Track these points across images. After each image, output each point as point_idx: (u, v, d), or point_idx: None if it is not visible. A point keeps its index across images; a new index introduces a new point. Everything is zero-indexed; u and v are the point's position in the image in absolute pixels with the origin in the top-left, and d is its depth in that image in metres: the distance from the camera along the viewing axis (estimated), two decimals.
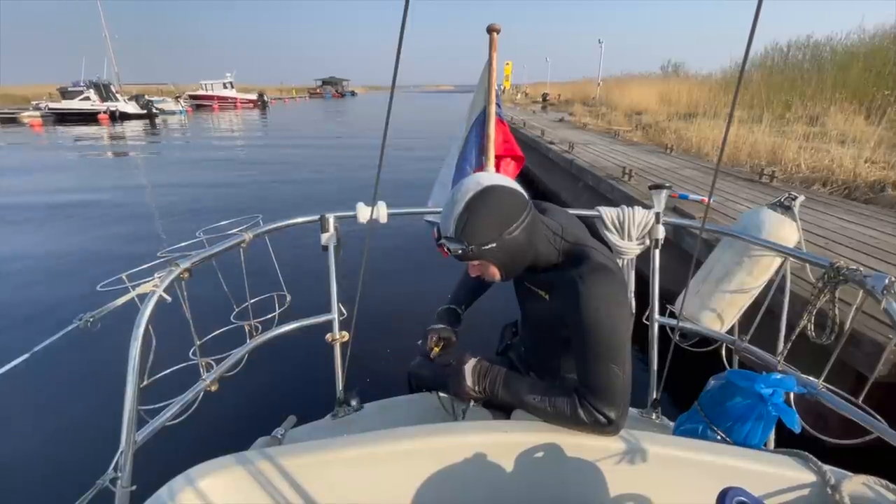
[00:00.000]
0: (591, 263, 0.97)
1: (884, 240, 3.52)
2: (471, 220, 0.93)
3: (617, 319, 0.93)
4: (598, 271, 0.95)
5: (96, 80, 29.00)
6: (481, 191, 0.94)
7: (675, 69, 22.07)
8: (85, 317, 0.89)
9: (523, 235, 0.97)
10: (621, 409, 0.95)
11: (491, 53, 1.61)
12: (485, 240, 0.94)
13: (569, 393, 0.99)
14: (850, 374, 2.15)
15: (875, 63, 10.30)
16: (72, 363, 3.19)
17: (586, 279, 0.94)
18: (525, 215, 0.97)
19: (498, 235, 0.94)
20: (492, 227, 0.94)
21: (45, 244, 6.11)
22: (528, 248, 1.00)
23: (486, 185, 0.95)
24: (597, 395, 0.94)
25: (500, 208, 0.94)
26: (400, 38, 0.65)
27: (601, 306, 0.92)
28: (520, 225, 0.96)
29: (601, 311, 0.92)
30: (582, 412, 0.95)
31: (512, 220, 0.95)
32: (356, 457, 0.97)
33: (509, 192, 0.96)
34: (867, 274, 1.07)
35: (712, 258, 1.57)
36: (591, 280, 0.94)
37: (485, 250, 0.95)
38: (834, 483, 0.88)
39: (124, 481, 0.87)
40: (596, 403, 0.94)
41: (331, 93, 75.84)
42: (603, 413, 0.94)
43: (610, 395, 0.94)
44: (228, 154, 15.06)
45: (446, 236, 0.96)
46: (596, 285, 0.93)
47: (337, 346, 1.44)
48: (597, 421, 0.95)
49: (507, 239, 0.95)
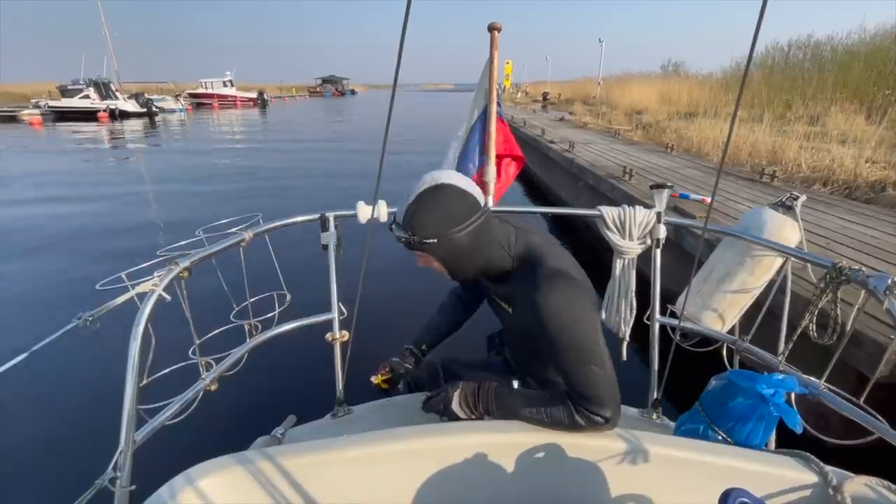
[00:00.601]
0: (543, 270, 0.97)
1: (885, 240, 3.51)
2: (417, 213, 0.95)
3: (582, 322, 0.93)
4: (552, 278, 0.95)
5: (96, 79, 29.03)
6: (434, 186, 0.95)
7: (675, 68, 22.06)
8: (84, 316, 0.88)
9: (468, 239, 0.97)
10: (613, 405, 0.97)
11: (492, 52, 1.60)
12: (427, 234, 0.95)
13: (562, 400, 0.99)
14: (851, 374, 2.15)
15: (876, 63, 10.29)
16: (71, 362, 3.19)
17: (541, 289, 0.94)
18: (473, 220, 0.96)
19: (441, 233, 0.95)
20: (436, 224, 0.94)
21: (43, 243, 6.10)
22: (474, 253, 1.00)
23: (440, 182, 0.95)
24: (587, 399, 0.96)
25: (447, 207, 0.94)
26: (401, 39, 0.65)
27: (562, 313, 0.92)
28: (465, 228, 0.96)
29: (563, 317, 0.92)
30: (579, 418, 0.97)
31: (457, 222, 0.95)
32: (356, 457, 0.97)
33: (460, 193, 0.96)
34: (869, 274, 1.06)
35: (713, 258, 1.57)
36: (546, 289, 0.94)
37: (426, 244, 0.96)
38: (836, 484, 0.87)
39: (123, 481, 0.86)
40: (589, 407, 0.96)
41: (331, 91, 75.82)
42: (598, 414, 0.96)
43: (598, 395, 0.95)
44: (228, 153, 15.04)
45: (396, 222, 0.99)
46: (552, 293, 0.93)
47: (337, 346, 1.44)
48: (594, 423, 0.96)
49: (450, 238, 0.95)
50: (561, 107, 23.08)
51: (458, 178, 0.98)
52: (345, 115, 34.20)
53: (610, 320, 1.62)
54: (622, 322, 1.59)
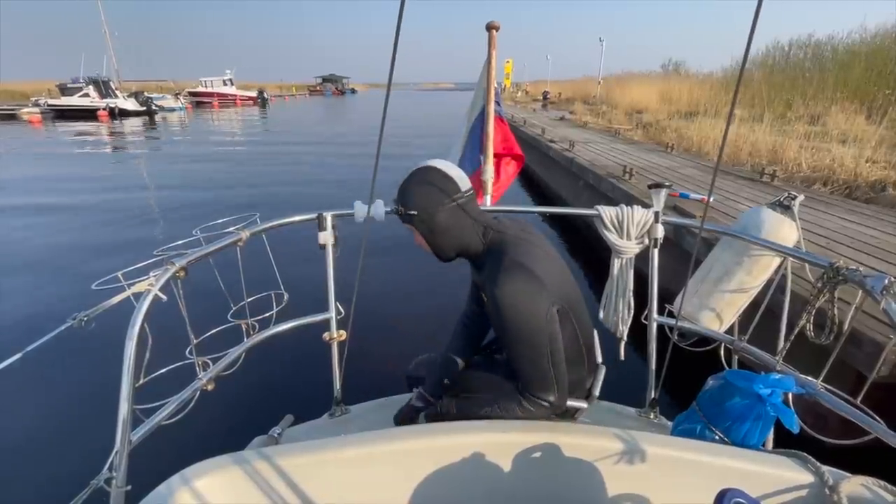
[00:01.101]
0: (504, 262, 1.03)
1: (885, 240, 3.51)
2: (404, 186, 1.09)
3: (529, 313, 0.99)
4: (508, 269, 1.01)
5: (96, 77, 28.96)
6: (422, 166, 1.10)
7: (675, 68, 22.01)
8: (79, 316, 0.88)
9: (444, 217, 1.07)
10: (557, 391, 1.05)
11: (490, 51, 1.60)
12: (410, 206, 1.07)
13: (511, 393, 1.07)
14: (850, 374, 2.14)
15: (877, 62, 10.27)
16: (68, 362, 3.18)
17: (498, 280, 1.00)
18: (449, 201, 1.07)
19: (422, 206, 1.06)
20: (417, 197, 1.07)
21: (39, 241, 6.10)
22: (451, 232, 1.10)
23: (428, 164, 1.10)
24: (532, 385, 1.03)
25: (428, 185, 1.07)
26: (395, 39, 0.65)
27: (512, 303, 0.98)
28: (442, 207, 1.07)
29: (513, 307, 0.98)
30: (527, 404, 1.05)
31: (437, 198, 1.07)
32: (353, 456, 0.97)
33: (442, 176, 1.08)
34: (867, 274, 1.06)
35: (711, 257, 1.57)
36: (500, 280, 1.00)
37: (409, 215, 1.08)
38: (832, 484, 0.87)
39: (119, 481, 0.86)
40: (535, 392, 1.04)
41: (331, 90, 75.76)
42: (542, 398, 1.04)
43: (543, 381, 1.03)
44: (228, 152, 15.03)
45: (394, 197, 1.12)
46: (505, 284, 0.99)
47: (334, 345, 1.44)
48: (540, 406, 1.04)
49: (429, 213, 1.07)
50: (561, 106, 23.06)
51: (445, 164, 1.11)
52: (345, 115, 34.13)
53: (608, 320, 1.62)
54: (620, 321, 1.59)
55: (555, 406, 1.05)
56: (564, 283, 1.10)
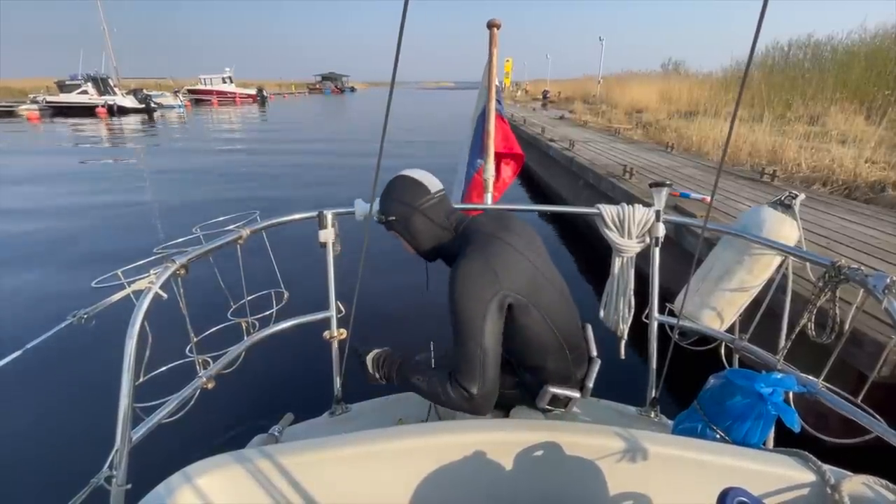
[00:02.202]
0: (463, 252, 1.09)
1: (885, 240, 3.51)
2: (382, 196, 1.18)
3: (471, 299, 1.02)
4: (463, 259, 1.06)
5: (94, 74, 28.87)
6: (396, 176, 1.19)
7: (675, 67, 21.99)
8: (78, 313, 0.88)
9: (419, 220, 1.16)
10: (482, 383, 1.03)
11: (491, 49, 1.59)
12: (388, 213, 1.16)
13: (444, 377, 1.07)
14: (852, 373, 2.15)
15: (876, 63, 10.27)
16: (68, 360, 3.17)
17: (453, 267, 1.07)
18: (421, 203, 1.15)
19: (398, 212, 1.15)
20: (393, 204, 1.16)
21: (38, 239, 6.08)
22: (428, 233, 1.17)
23: (400, 173, 1.19)
24: (459, 371, 1.03)
25: (400, 192, 1.16)
26: (399, 38, 0.64)
27: (456, 288, 1.03)
28: (416, 209, 1.15)
29: (456, 292, 1.03)
30: (449, 388, 1.05)
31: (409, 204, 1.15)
32: (353, 455, 0.97)
33: (412, 181, 1.17)
34: (868, 273, 1.06)
35: (712, 256, 1.57)
36: (455, 268, 1.06)
37: (391, 222, 1.17)
38: (833, 483, 0.87)
39: (119, 480, 0.86)
40: (460, 379, 1.03)
41: (330, 89, 75.55)
42: (465, 388, 1.02)
43: (470, 370, 1.02)
44: (228, 150, 14.99)
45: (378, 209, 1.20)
46: (457, 269, 1.05)
47: (335, 344, 1.44)
48: (461, 396, 1.03)
49: (404, 216, 1.15)
50: (561, 105, 23.04)
51: (415, 171, 1.20)
52: (345, 114, 34.00)
53: (608, 318, 1.62)
54: (620, 320, 1.59)
55: (474, 400, 1.02)
56: (531, 281, 1.10)
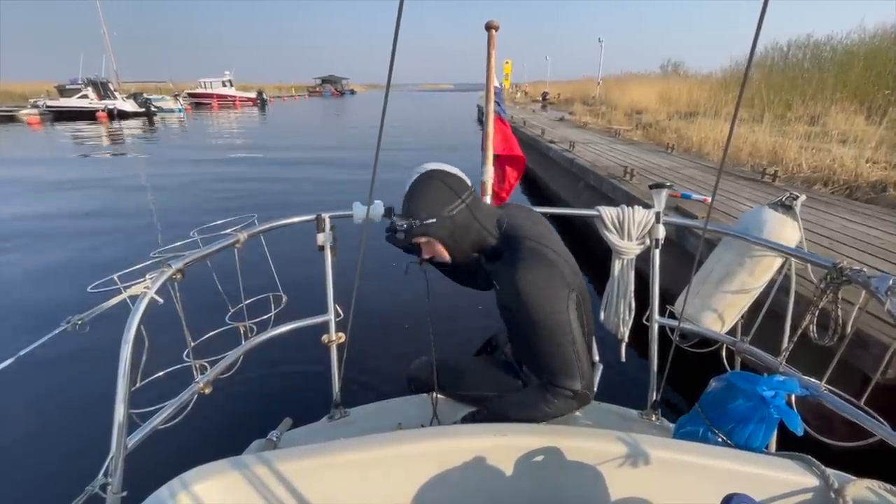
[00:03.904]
0: (521, 251, 1.04)
1: (888, 240, 3.49)
2: (414, 199, 1.05)
3: (553, 299, 1.00)
4: (528, 258, 1.02)
5: (94, 78, 28.96)
6: (423, 174, 1.06)
7: (674, 68, 22.03)
8: (73, 319, 0.87)
9: (463, 216, 1.06)
10: (582, 378, 1.02)
11: (489, 51, 1.59)
12: (426, 216, 1.04)
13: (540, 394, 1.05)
14: (856, 376, 2.13)
15: (876, 63, 10.27)
16: (65, 366, 3.15)
17: (518, 267, 1.01)
18: (464, 197, 1.07)
19: (438, 212, 1.04)
20: (432, 205, 1.04)
21: (36, 244, 6.06)
22: (469, 229, 1.08)
23: (428, 169, 1.07)
24: (556, 373, 1.01)
25: (440, 189, 1.05)
26: (394, 40, 0.64)
27: (535, 290, 0.99)
28: (459, 205, 1.06)
29: (536, 294, 0.99)
30: (551, 398, 1.02)
31: (451, 200, 1.05)
32: (353, 461, 0.96)
33: (449, 176, 1.07)
34: (871, 275, 1.05)
35: (713, 258, 1.56)
36: (522, 268, 1.01)
37: (428, 225, 1.05)
38: (837, 487, 0.86)
39: (115, 487, 0.85)
40: (558, 381, 1.01)
41: (330, 91, 75.76)
42: (566, 388, 1.01)
43: (570, 369, 1.01)
44: (228, 155, 14.98)
45: (396, 215, 1.08)
46: (527, 272, 1.00)
47: (333, 348, 1.43)
48: (565, 398, 1.02)
49: (446, 216, 1.05)
50: (560, 107, 23.06)
51: (443, 165, 1.09)
52: (345, 117, 33.96)
53: (608, 321, 1.61)
54: (621, 323, 1.58)
55: (580, 395, 1.03)
56: (577, 272, 1.10)
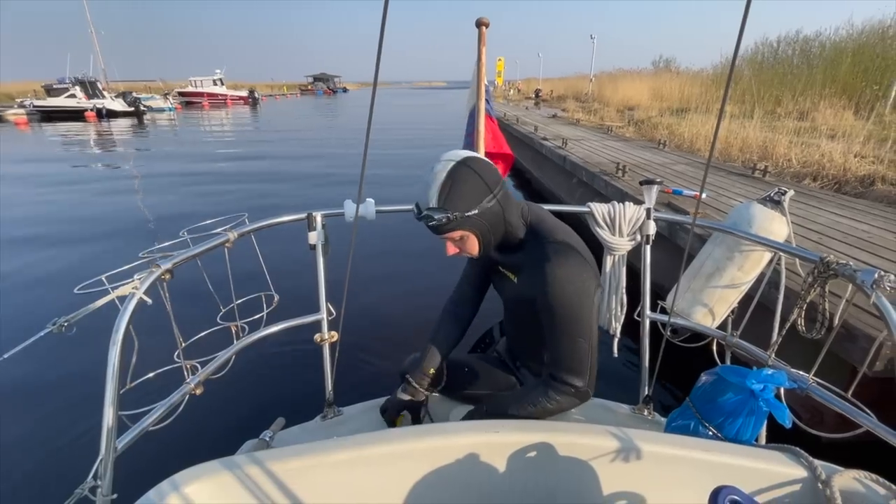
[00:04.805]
0: (555, 243, 1.03)
1: (877, 234, 3.54)
2: (454, 189, 0.97)
3: (582, 295, 0.99)
4: (563, 251, 1.01)
5: (82, 77, 28.56)
6: (461, 161, 0.99)
7: (666, 64, 22.14)
8: (59, 321, 0.86)
9: (498, 206, 1.03)
10: (587, 377, 1.03)
11: (480, 48, 1.59)
12: (466, 207, 0.98)
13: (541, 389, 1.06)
14: (847, 368, 2.16)
15: (863, 58, 10.40)
16: (52, 368, 3.10)
17: (552, 259, 1.00)
18: (500, 186, 1.03)
19: (478, 203, 0.99)
20: (473, 195, 0.98)
21: (22, 243, 5.97)
22: (502, 219, 1.05)
23: (463, 157, 1.01)
24: (563, 367, 1.01)
25: (479, 177, 0.99)
26: (380, 38, 0.63)
27: (567, 285, 0.98)
28: (496, 195, 1.02)
29: (567, 288, 0.98)
30: (552, 391, 1.03)
31: (489, 189, 1.00)
32: (346, 459, 0.96)
33: (485, 163, 1.02)
34: (857, 268, 1.06)
35: (703, 253, 1.57)
36: (556, 260, 1.00)
37: (468, 217, 0.99)
38: (825, 478, 0.87)
39: (105, 490, 0.84)
40: (563, 376, 1.02)
41: (322, 90, 75.38)
42: (570, 383, 1.02)
43: (576, 365, 1.01)
44: (220, 154, 14.85)
45: (429, 208, 0.98)
46: (562, 266, 0.99)
47: (325, 347, 1.42)
48: (566, 393, 1.02)
49: (486, 207, 1.00)
50: (553, 104, 23.11)
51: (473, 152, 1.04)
52: (339, 117, 33.67)
53: (601, 317, 1.62)
54: (613, 318, 1.59)
55: (581, 392, 1.04)
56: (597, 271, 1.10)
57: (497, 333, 1.57)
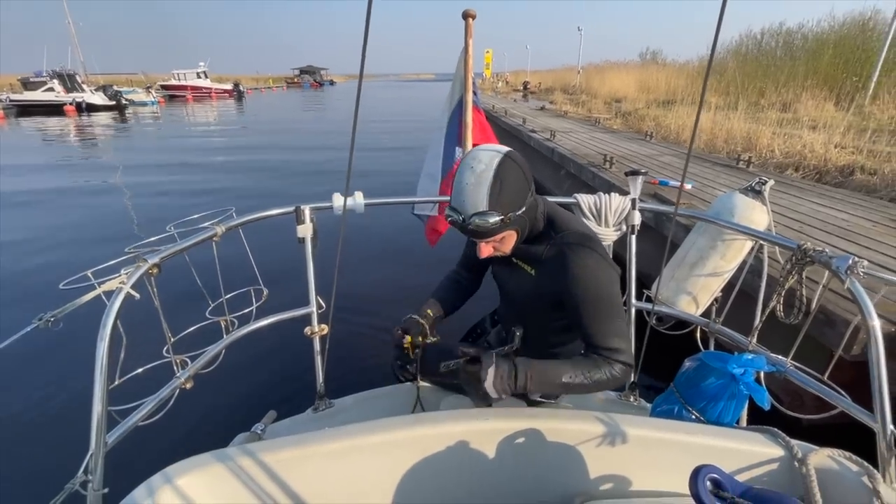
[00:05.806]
0: (577, 234, 1.03)
1: (854, 222, 3.64)
2: (505, 188, 0.91)
3: (613, 282, 1.01)
4: (587, 241, 1.02)
5: (60, 70, 27.75)
6: (504, 157, 0.92)
7: (653, 57, 22.25)
8: (45, 316, 0.85)
9: (535, 200, 1.01)
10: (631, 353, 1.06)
11: (467, 40, 1.58)
12: (517, 206, 0.94)
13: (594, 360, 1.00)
14: (825, 353, 2.22)
15: (844, 50, 10.57)
16: (40, 364, 3.07)
17: (576, 251, 1.00)
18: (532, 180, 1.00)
19: (524, 200, 0.95)
20: (520, 192, 0.94)
21: (4, 240, 5.85)
22: (536, 213, 1.04)
23: (504, 151, 0.94)
24: (616, 350, 1.01)
25: (522, 172, 0.95)
26: (365, 31, 0.64)
27: (599, 273, 0.99)
28: (533, 189, 0.99)
29: (600, 275, 0.99)
30: (613, 371, 1.00)
31: (530, 183, 0.97)
32: (337, 449, 0.97)
33: (519, 157, 0.96)
34: (833, 255, 1.10)
35: (687, 243, 1.60)
36: (584, 251, 1.00)
37: (518, 216, 0.95)
38: (801, 457, 0.91)
39: (95, 484, 0.85)
40: (618, 357, 1.01)
41: (309, 82, 74.27)
42: (623, 362, 1.01)
43: (624, 345, 1.02)
44: (205, 147, 14.60)
45: (477, 212, 0.90)
46: (590, 255, 1.00)
47: (316, 340, 1.43)
48: (623, 370, 1.01)
49: (529, 202, 0.98)
50: (541, 96, 23.11)
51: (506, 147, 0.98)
52: (327, 111, 33.23)
53: None
54: None
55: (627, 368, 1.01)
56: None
57: (489, 324, 1.58)
